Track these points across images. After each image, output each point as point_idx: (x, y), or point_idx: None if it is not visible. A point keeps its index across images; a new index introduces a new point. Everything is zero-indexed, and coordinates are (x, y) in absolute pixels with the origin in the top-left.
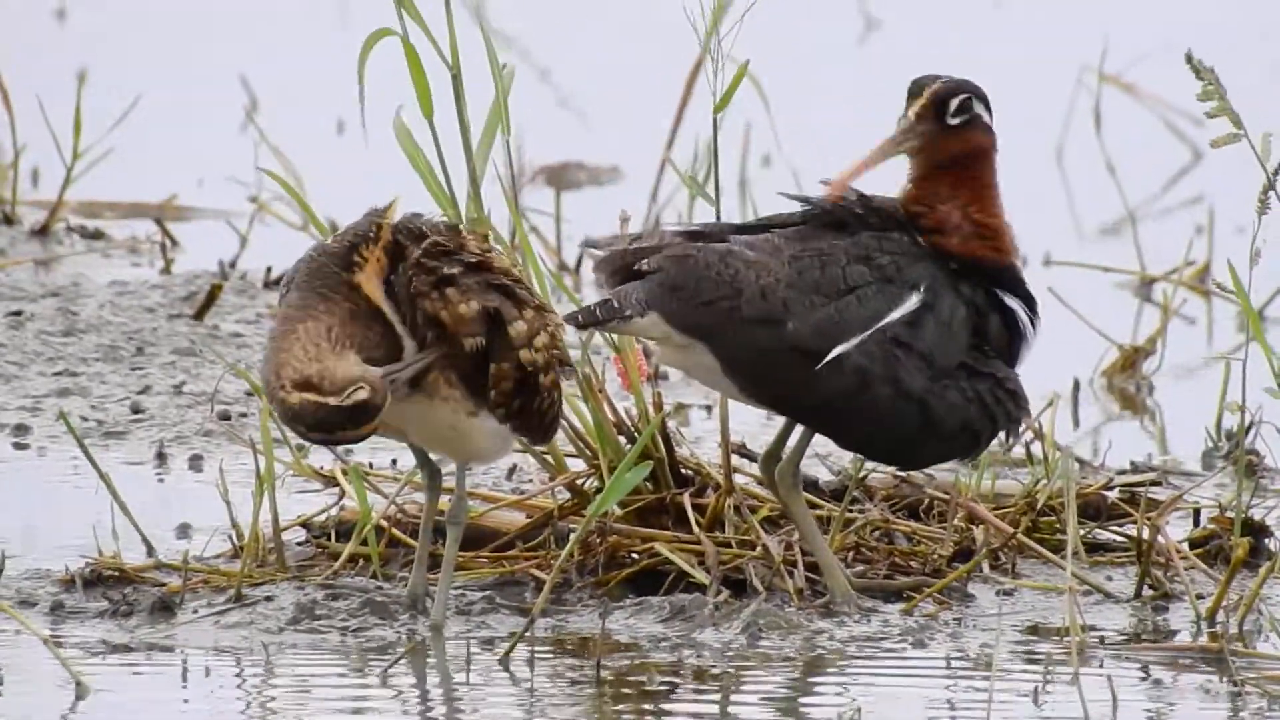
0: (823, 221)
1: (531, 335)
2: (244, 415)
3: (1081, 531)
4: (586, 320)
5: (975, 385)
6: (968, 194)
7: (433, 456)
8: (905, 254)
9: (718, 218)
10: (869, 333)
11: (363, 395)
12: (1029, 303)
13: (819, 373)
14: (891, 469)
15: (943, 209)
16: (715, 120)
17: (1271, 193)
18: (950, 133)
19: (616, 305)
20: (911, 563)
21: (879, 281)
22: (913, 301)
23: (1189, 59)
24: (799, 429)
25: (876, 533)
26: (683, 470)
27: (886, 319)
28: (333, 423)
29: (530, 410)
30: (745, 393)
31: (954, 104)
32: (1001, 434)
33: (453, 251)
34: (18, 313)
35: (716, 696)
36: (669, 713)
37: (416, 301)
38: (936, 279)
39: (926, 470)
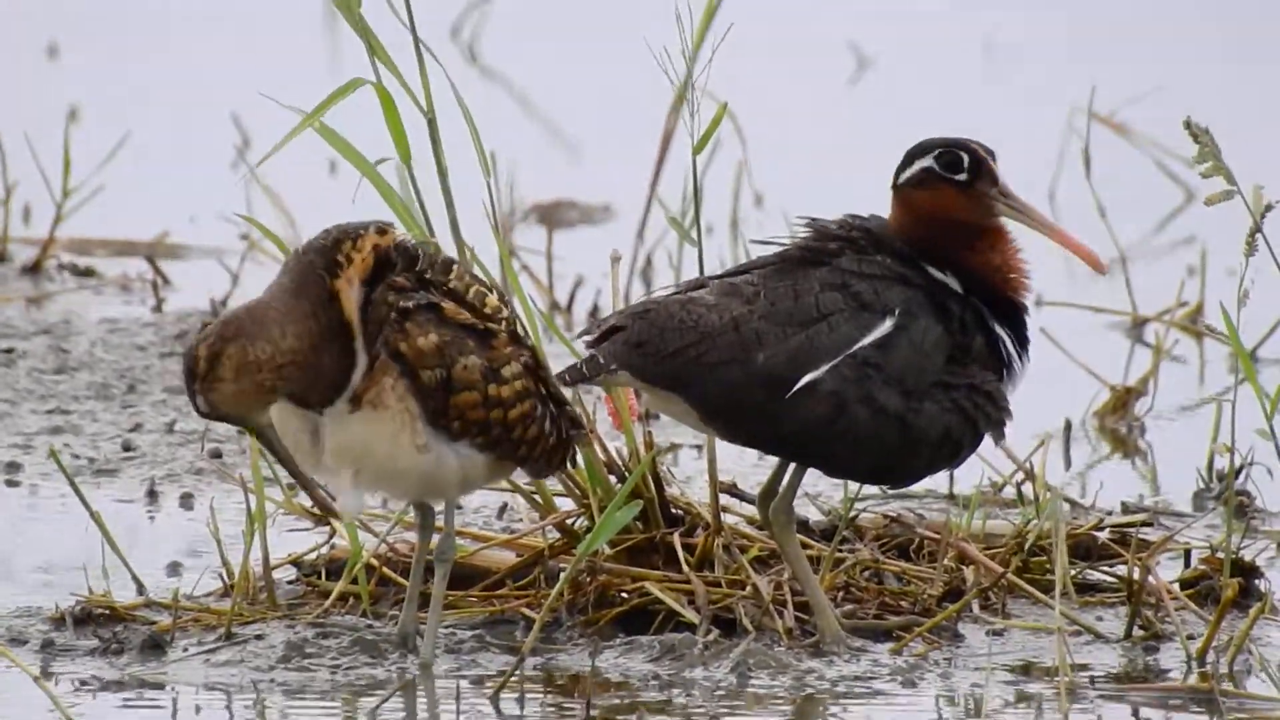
0: (799, 258)
1: (500, 365)
2: (241, 453)
3: (1072, 572)
4: (574, 378)
5: (951, 394)
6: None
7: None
8: (884, 277)
9: (700, 258)
10: (839, 359)
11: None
12: (1022, 343)
13: (795, 402)
14: (881, 489)
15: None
16: (694, 161)
17: (1259, 236)
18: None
19: (601, 361)
20: (901, 602)
21: (852, 308)
22: (885, 326)
23: (1187, 124)
24: (792, 466)
25: (866, 572)
26: (673, 510)
27: (858, 344)
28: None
29: (508, 440)
30: (727, 436)
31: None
32: (988, 437)
33: (411, 289)
34: (9, 350)
35: None
36: None
37: (384, 330)
38: (913, 302)
39: (917, 511)
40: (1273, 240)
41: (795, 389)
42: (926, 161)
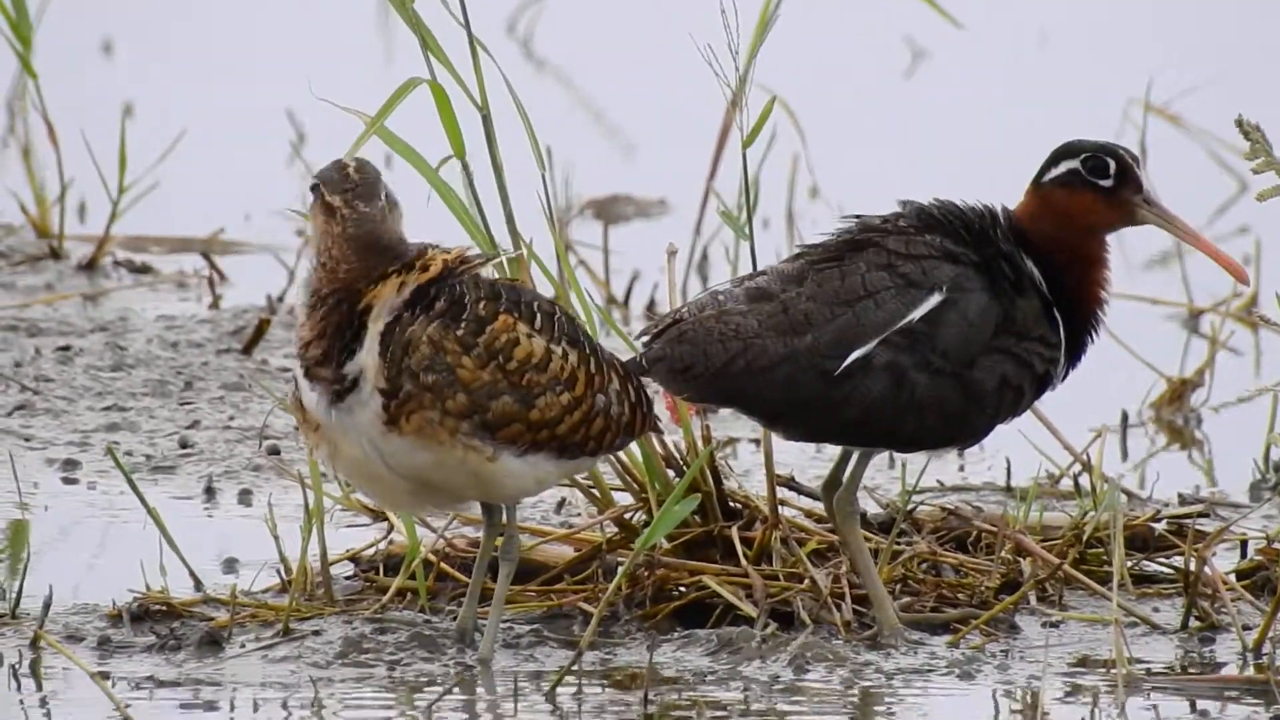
0: (844, 244)
1: (536, 394)
2: (299, 449)
3: (1129, 563)
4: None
5: (1001, 344)
6: None
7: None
8: (931, 256)
9: (752, 251)
10: (886, 334)
11: None
12: (1074, 354)
13: (854, 384)
14: (953, 452)
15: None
16: (744, 155)
17: None
18: None
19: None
20: (959, 595)
21: (899, 286)
22: (933, 301)
23: (1239, 123)
24: (855, 456)
25: (924, 565)
26: (730, 503)
27: (905, 320)
28: None
29: (574, 446)
30: (792, 435)
31: None
32: (1052, 378)
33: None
34: (66, 348)
35: None
36: None
37: (411, 359)
38: (962, 276)
39: (974, 503)
40: None
41: (845, 365)
42: (1073, 164)
